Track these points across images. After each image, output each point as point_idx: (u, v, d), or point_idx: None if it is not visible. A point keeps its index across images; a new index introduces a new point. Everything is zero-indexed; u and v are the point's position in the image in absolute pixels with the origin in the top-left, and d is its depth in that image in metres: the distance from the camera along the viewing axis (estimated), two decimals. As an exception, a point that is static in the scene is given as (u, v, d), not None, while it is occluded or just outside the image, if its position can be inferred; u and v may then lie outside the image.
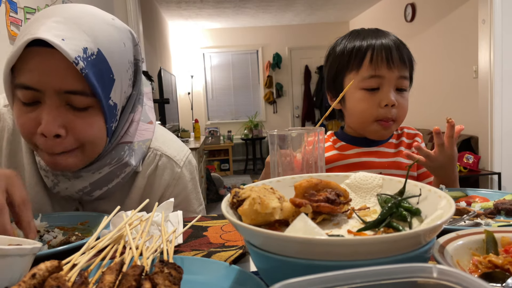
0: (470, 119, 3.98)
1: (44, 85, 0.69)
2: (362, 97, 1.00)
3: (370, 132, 1.05)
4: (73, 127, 0.72)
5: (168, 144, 0.94)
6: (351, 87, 1.02)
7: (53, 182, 0.83)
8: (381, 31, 1.04)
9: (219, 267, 0.53)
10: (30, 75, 0.69)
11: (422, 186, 0.52)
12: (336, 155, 1.08)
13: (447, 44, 4.40)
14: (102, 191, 0.84)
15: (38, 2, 2.05)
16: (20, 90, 0.71)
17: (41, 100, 0.71)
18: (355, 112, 1.04)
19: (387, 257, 0.36)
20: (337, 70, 1.05)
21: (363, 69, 0.99)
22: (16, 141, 0.88)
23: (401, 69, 0.99)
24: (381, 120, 1.01)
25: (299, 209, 0.49)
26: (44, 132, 0.70)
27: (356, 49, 1.01)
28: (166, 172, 0.91)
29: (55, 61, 0.68)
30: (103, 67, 0.71)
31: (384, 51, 0.98)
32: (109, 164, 0.82)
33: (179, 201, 0.93)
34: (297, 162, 0.70)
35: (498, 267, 0.45)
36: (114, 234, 0.57)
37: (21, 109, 0.72)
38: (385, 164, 1.06)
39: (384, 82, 0.99)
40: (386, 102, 0.98)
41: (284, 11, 6.62)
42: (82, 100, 0.71)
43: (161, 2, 5.63)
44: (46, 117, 0.70)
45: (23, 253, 0.49)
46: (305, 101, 7.65)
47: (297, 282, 0.27)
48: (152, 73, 4.36)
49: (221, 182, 5.56)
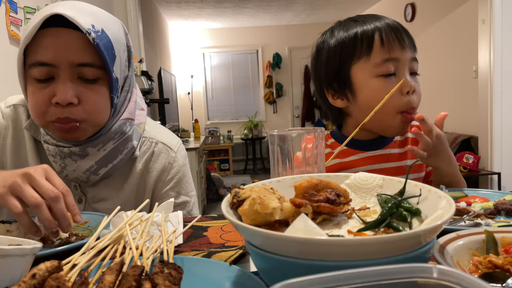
0: (470, 119, 3.98)
1: (58, 59, 0.78)
2: (381, 86, 0.89)
3: (392, 128, 0.93)
4: (84, 97, 0.81)
5: (162, 133, 1.03)
6: (364, 76, 0.91)
7: (61, 166, 0.88)
8: (379, 15, 0.96)
9: (219, 267, 0.53)
10: (45, 52, 0.78)
11: (422, 186, 0.52)
12: (338, 164, 0.98)
13: (447, 44, 4.40)
14: (107, 168, 0.90)
15: (38, 2, 2.05)
16: (35, 68, 0.79)
17: (55, 75, 0.79)
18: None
19: (387, 257, 0.36)
20: (340, 61, 0.94)
21: (375, 53, 0.89)
22: (19, 138, 0.93)
23: (412, 50, 0.92)
24: (405, 111, 0.90)
25: (299, 209, 0.49)
26: (59, 100, 0.78)
27: (361, 34, 0.91)
28: (161, 156, 0.99)
29: (68, 37, 0.78)
30: (107, 43, 0.81)
31: (393, 32, 0.89)
32: (113, 139, 0.89)
33: (174, 184, 0.99)
34: (297, 161, 0.70)
35: (498, 267, 0.45)
36: (114, 234, 0.57)
37: (36, 87, 0.80)
38: (392, 170, 0.98)
39: (399, 65, 0.90)
40: (408, 87, 0.89)
41: (284, 11, 6.62)
42: (93, 72, 0.81)
43: (161, 2, 5.63)
44: (61, 88, 0.78)
45: (23, 253, 0.49)
46: (305, 101, 7.65)
47: (297, 282, 0.27)
48: (152, 73, 4.35)
49: (221, 182, 5.56)
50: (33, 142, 0.93)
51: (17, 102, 0.95)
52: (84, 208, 0.94)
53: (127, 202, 0.95)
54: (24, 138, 0.93)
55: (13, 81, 0.94)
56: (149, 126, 1.02)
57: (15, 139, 0.93)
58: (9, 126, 0.93)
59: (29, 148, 0.92)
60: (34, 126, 0.92)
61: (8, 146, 0.92)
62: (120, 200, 0.94)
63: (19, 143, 0.93)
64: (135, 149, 0.94)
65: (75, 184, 0.93)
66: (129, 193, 0.95)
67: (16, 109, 0.94)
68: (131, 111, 0.93)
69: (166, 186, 0.99)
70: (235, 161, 7.55)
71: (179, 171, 1.01)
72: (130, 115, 0.93)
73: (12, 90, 1.19)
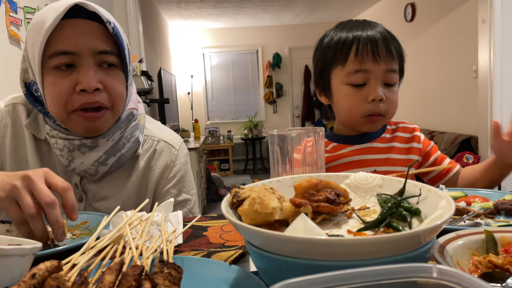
0: (470, 119, 3.98)
1: (81, 47, 0.81)
2: (348, 93, 0.99)
3: (359, 126, 1.04)
4: (106, 83, 0.85)
5: (163, 132, 1.05)
6: (338, 81, 1.00)
7: (68, 159, 0.89)
8: (368, 22, 1.01)
9: (219, 267, 0.53)
10: (67, 41, 0.81)
11: (422, 186, 0.52)
12: (329, 157, 1.06)
13: (447, 44, 4.40)
14: (116, 157, 0.91)
15: (38, 2, 2.05)
16: (55, 58, 0.81)
17: (76, 64, 0.82)
18: (342, 107, 1.02)
19: (387, 257, 0.36)
20: (323, 64, 1.03)
21: (349, 63, 0.97)
22: (19, 137, 0.94)
23: (388, 62, 0.97)
24: (370, 115, 0.99)
25: (299, 209, 0.49)
26: (86, 87, 0.81)
27: (342, 42, 0.98)
28: (163, 154, 1.00)
29: (88, 27, 0.83)
30: (120, 34, 0.86)
31: (369, 44, 0.95)
32: (120, 129, 0.92)
33: (176, 182, 1.00)
34: (296, 161, 0.70)
35: (498, 267, 0.45)
36: (114, 234, 0.57)
37: (57, 76, 0.82)
38: (379, 161, 1.04)
39: (371, 76, 0.96)
40: (373, 97, 0.96)
41: (284, 11, 6.62)
42: (112, 59, 0.86)
43: (161, 2, 5.63)
44: (86, 75, 0.81)
45: (23, 253, 0.49)
46: (305, 101, 7.65)
47: (297, 282, 0.27)
48: (152, 73, 4.35)
49: (221, 182, 5.56)
50: (33, 141, 0.93)
51: (16, 101, 0.96)
52: (84, 206, 0.94)
53: (129, 200, 0.95)
54: (24, 137, 0.93)
55: (13, 81, 0.94)
56: (151, 125, 1.04)
57: (15, 138, 0.94)
58: (8, 125, 0.94)
59: (28, 146, 0.93)
60: (34, 124, 0.93)
61: (7, 145, 0.93)
62: (122, 198, 0.95)
63: (19, 141, 0.94)
64: (139, 141, 0.96)
65: (76, 182, 0.93)
66: (131, 191, 0.96)
67: (15, 107, 0.95)
68: (134, 101, 0.97)
69: (168, 184, 0.99)
70: (235, 161, 7.55)
71: (181, 169, 1.02)
72: (134, 105, 0.96)
73: (12, 90, 1.19)
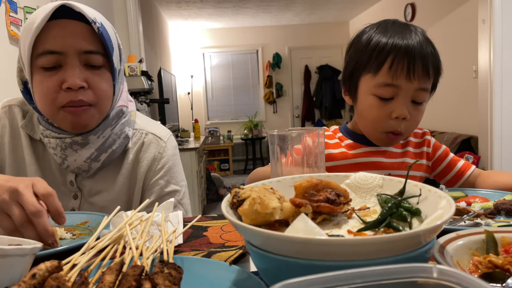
0: (470, 119, 3.98)
1: (67, 47, 0.84)
2: (374, 104, 0.94)
3: (379, 141, 1.00)
4: (92, 82, 0.87)
5: (152, 125, 1.08)
6: (366, 89, 0.95)
7: (61, 157, 0.92)
8: (409, 28, 0.95)
9: (219, 267, 0.53)
10: (54, 41, 0.83)
11: (422, 186, 0.52)
12: (344, 153, 1.03)
13: (447, 44, 4.40)
14: (107, 153, 0.94)
15: (38, 2, 2.05)
16: (43, 57, 0.84)
17: (62, 63, 0.85)
18: (364, 117, 0.98)
19: (387, 257, 0.36)
20: (355, 66, 0.98)
21: (380, 74, 0.92)
22: (16, 137, 0.97)
23: (421, 80, 0.91)
24: (390, 132, 0.95)
25: (299, 209, 0.49)
26: (71, 85, 0.83)
27: (379, 49, 0.92)
28: (151, 146, 1.03)
29: (74, 27, 0.85)
30: (106, 35, 0.88)
31: (407, 59, 0.89)
32: (111, 126, 0.94)
33: (163, 173, 1.02)
34: (296, 161, 0.70)
35: (498, 267, 0.45)
36: (114, 234, 0.57)
37: (44, 75, 0.85)
38: (394, 165, 1.02)
39: (400, 92, 0.91)
40: (398, 114, 0.92)
41: (284, 11, 6.61)
42: (98, 59, 0.87)
43: (161, 2, 5.63)
44: (71, 73, 0.84)
45: (23, 253, 0.49)
46: (305, 101, 7.65)
47: (297, 282, 0.27)
48: (152, 73, 4.35)
49: (221, 182, 5.55)
50: (29, 140, 0.97)
51: (12, 103, 0.99)
52: (80, 203, 0.96)
53: (121, 193, 0.98)
54: (20, 137, 0.97)
55: (14, 80, 0.94)
56: (140, 119, 1.07)
57: (12, 138, 0.97)
58: (6, 125, 0.97)
59: (25, 145, 0.97)
60: (30, 124, 0.97)
61: (6, 144, 0.97)
62: (115, 192, 0.97)
63: (16, 141, 0.97)
64: (130, 136, 0.99)
65: (72, 180, 0.96)
66: (122, 184, 0.98)
67: (11, 109, 0.98)
68: (124, 99, 1.00)
69: (156, 175, 1.01)
70: (235, 161, 7.54)
71: (169, 160, 1.04)
72: (124, 103, 0.99)
73: (12, 89, 1.19)
